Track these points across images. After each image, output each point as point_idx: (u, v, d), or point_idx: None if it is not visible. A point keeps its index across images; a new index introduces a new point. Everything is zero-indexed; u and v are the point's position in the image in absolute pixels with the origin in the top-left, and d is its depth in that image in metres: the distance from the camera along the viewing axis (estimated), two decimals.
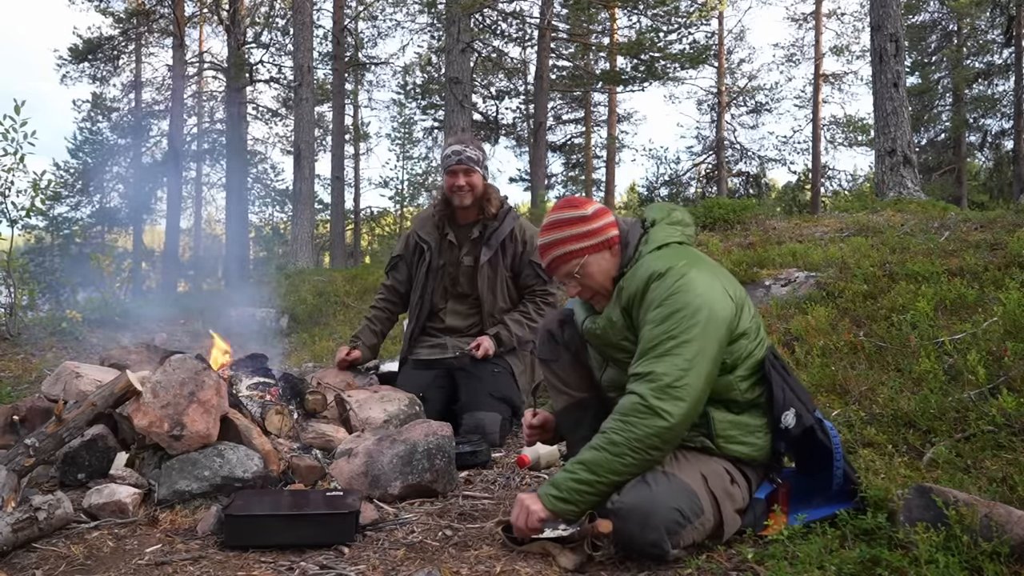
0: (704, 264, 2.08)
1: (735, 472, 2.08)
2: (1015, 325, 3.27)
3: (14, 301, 6.83)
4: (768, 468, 2.17)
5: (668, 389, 1.89)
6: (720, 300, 1.99)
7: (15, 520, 2.08)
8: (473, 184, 3.63)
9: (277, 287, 10.15)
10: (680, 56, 15.35)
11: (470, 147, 3.66)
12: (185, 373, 2.57)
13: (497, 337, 3.60)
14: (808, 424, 2.06)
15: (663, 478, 1.94)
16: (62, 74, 22.54)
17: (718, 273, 2.09)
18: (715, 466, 2.05)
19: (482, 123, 20.62)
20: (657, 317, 1.97)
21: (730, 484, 2.05)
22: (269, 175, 26.96)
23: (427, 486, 2.59)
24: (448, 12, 12.95)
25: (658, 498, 1.88)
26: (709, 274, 2.03)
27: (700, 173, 25.03)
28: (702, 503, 1.95)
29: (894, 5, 9.48)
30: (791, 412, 2.04)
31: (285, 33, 21.08)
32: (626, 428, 1.89)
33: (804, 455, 2.25)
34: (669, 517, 1.88)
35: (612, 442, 1.90)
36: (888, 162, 9.35)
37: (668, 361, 1.91)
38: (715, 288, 2.00)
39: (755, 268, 5.44)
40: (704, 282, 1.99)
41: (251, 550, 2.11)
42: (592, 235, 2.15)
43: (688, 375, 1.90)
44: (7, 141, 6.63)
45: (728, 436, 2.06)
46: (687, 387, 1.90)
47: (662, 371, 1.90)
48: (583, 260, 2.14)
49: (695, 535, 1.94)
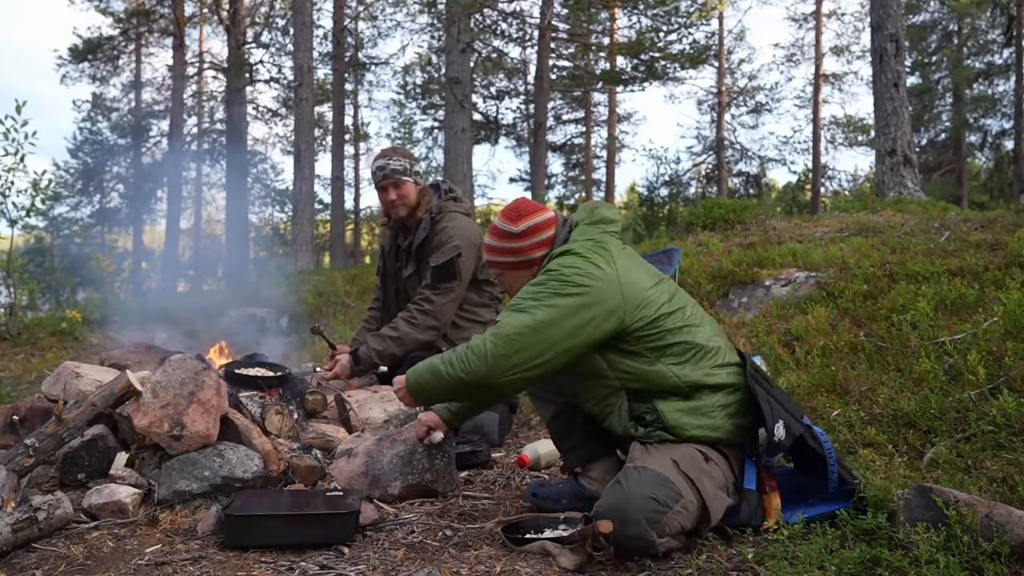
0: (605, 252, 2.10)
1: (708, 451, 2.08)
2: (1015, 325, 3.27)
3: (14, 301, 6.84)
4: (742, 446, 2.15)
5: (505, 340, 1.98)
6: (605, 285, 2.02)
7: (15, 520, 2.08)
8: (404, 195, 3.60)
9: (277, 287, 10.15)
10: (680, 56, 15.35)
11: (394, 159, 3.61)
12: (185, 373, 2.56)
13: (355, 355, 3.51)
14: (797, 433, 2.08)
15: (634, 473, 1.96)
16: (62, 74, 22.57)
17: (623, 261, 2.10)
18: (686, 450, 2.05)
19: (482, 123, 20.62)
20: (533, 282, 2.10)
21: (704, 463, 2.05)
22: (269, 175, 26.95)
23: (427, 486, 2.59)
24: (448, 12, 12.95)
25: (631, 494, 1.91)
26: (605, 260, 2.06)
27: (700, 173, 25.03)
28: (678, 487, 1.95)
29: (894, 5, 9.47)
30: (780, 424, 2.05)
31: (285, 33, 21.06)
32: (463, 359, 2.04)
33: (799, 457, 2.26)
34: (645, 507, 1.89)
35: (450, 363, 2.07)
36: (888, 162, 9.36)
37: (517, 316, 2.01)
38: (604, 273, 2.04)
39: (755, 268, 5.44)
40: (595, 264, 2.05)
41: (251, 550, 2.11)
42: (513, 253, 2.26)
43: (529, 335, 1.97)
44: (8, 141, 6.64)
45: (682, 424, 2.07)
46: (518, 342, 1.97)
47: (508, 322, 2.01)
48: (501, 272, 2.32)
49: (680, 520, 1.94)
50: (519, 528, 2.19)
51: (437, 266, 3.49)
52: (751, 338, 4.28)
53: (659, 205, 15.75)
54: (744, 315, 4.84)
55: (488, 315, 3.70)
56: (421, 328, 3.48)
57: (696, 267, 5.64)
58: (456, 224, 3.57)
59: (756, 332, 4.31)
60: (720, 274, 5.48)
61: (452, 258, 3.48)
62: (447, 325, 3.55)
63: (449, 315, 3.53)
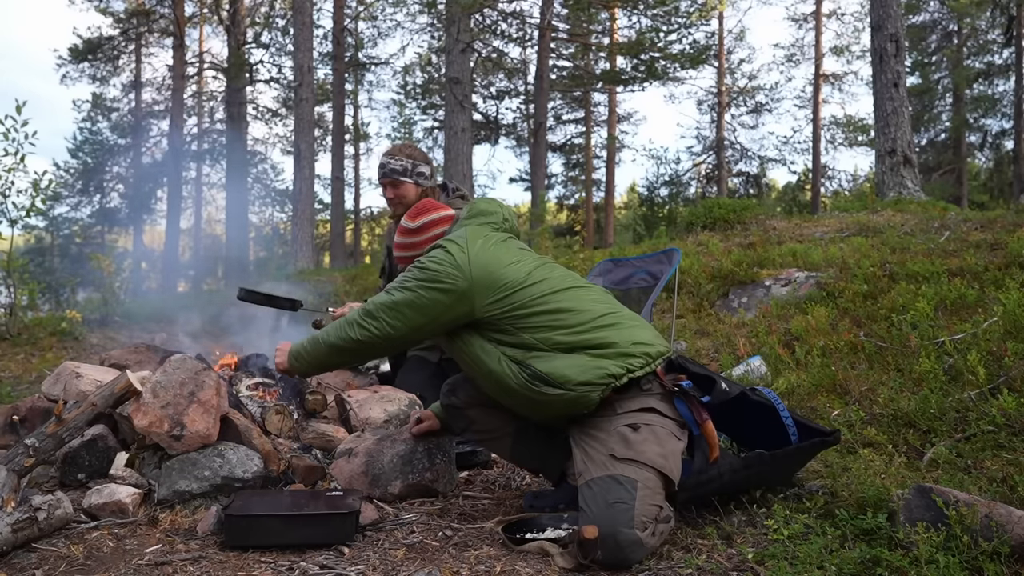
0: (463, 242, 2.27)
1: (633, 418, 2.08)
2: (1015, 325, 3.28)
3: (14, 301, 6.84)
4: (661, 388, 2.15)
5: (369, 314, 2.26)
6: (452, 270, 2.20)
7: (15, 520, 2.08)
8: (401, 195, 3.59)
9: (277, 287, 10.15)
10: (680, 56, 15.36)
11: (396, 157, 3.59)
12: (185, 373, 2.56)
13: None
14: (739, 391, 2.18)
15: (588, 491, 1.99)
16: (62, 74, 22.59)
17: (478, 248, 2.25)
18: (615, 436, 2.06)
19: (482, 123, 20.63)
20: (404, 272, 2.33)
21: (634, 434, 2.05)
22: (269, 175, 26.95)
23: (427, 486, 2.59)
24: (448, 12, 12.96)
25: (597, 513, 1.92)
26: (460, 248, 2.25)
27: (700, 173, 25.04)
28: (627, 475, 1.96)
29: (894, 5, 9.48)
30: (721, 382, 2.12)
31: (285, 33, 21.08)
32: (339, 329, 2.30)
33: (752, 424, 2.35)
34: (615, 514, 1.89)
35: (328, 333, 2.32)
36: (888, 162, 9.36)
37: (382, 297, 2.27)
38: (453, 260, 2.22)
39: (755, 268, 5.44)
40: (449, 253, 2.24)
41: (251, 550, 2.11)
42: (411, 248, 2.52)
43: (387, 311, 2.23)
44: (8, 141, 6.64)
45: (568, 377, 2.10)
46: (383, 319, 2.24)
47: (377, 301, 2.27)
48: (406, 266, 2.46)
49: (649, 500, 1.94)
50: (519, 528, 2.19)
51: None
52: (751, 338, 4.29)
53: (659, 205, 15.75)
54: (744, 315, 4.84)
55: None
56: None
57: (696, 267, 5.64)
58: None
59: (756, 332, 4.31)
60: (720, 274, 5.48)
61: None
62: None
63: None
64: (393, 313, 2.24)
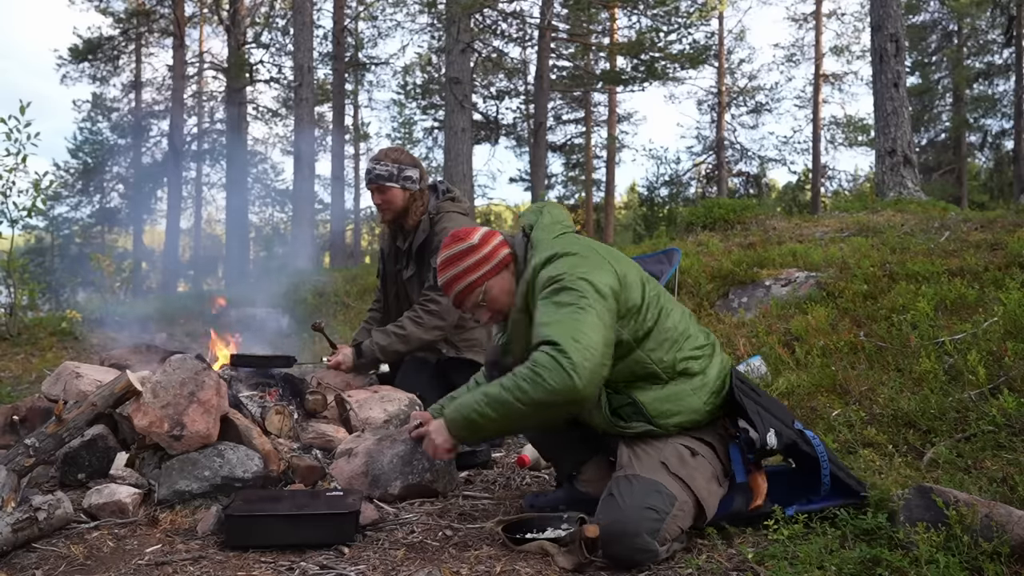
0: (583, 245, 2.15)
1: (693, 444, 2.08)
2: (1015, 325, 3.28)
3: (14, 301, 6.84)
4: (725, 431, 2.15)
5: (574, 352, 1.89)
6: (601, 275, 2.04)
7: (15, 520, 2.08)
8: (387, 201, 3.54)
9: (277, 287, 10.16)
10: (680, 56, 15.35)
11: (382, 163, 3.53)
12: (185, 373, 2.56)
13: (358, 348, 3.51)
14: (789, 441, 2.08)
15: (627, 484, 1.97)
16: (62, 74, 22.62)
17: (601, 252, 2.15)
18: (671, 448, 2.06)
19: (482, 123, 20.61)
20: (549, 294, 2.03)
21: (691, 458, 2.05)
22: (269, 175, 26.97)
23: (427, 486, 2.59)
24: (448, 12, 12.95)
25: (628, 508, 1.91)
26: (588, 253, 2.11)
27: (700, 173, 25.03)
28: (671, 490, 1.96)
29: (894, 5, 9.48)
30: (771, 433, 2.05)
31: (285, 33, 21.08)
32: (536, 380, 1.91)
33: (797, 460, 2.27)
34: (645, 518, 1.89)
35: (521, 389, 1.93)
36: (888, 162, 9.36)
37: (568, 326, 1.93)
38: (595, 265, 2.07)
39: (755, 268, 5.44)
40: (585, 260, 2.07)
41: (251, 550, 2.11)
42: (486, 261, 2.24)
43: (589, 338, 1.92)
44: (10, 141, 6.65)
45: (663, 412, 2.07)
46: (590, 349, 1.91)
47: (565, 334, 1.92)
48: (484, 287, 2.23)
49: (679, 522, 1.95)
50: (519, 528, 2.19)
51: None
52: (751, 338, 4.28)
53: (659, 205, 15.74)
54: (744, 315, 4.84)
55: None
56: (427, 328, 3.47)
57: (696, 267, 5.64)
58: (455, 225, 3.53)
59: (756, 332, 4.31)
60: (720, 274, 5.48)
61: None
62: (452, 325, 3.54)
63: (455, 316, 3.51)
64: (594, 338, 1.95)
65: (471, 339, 3.63)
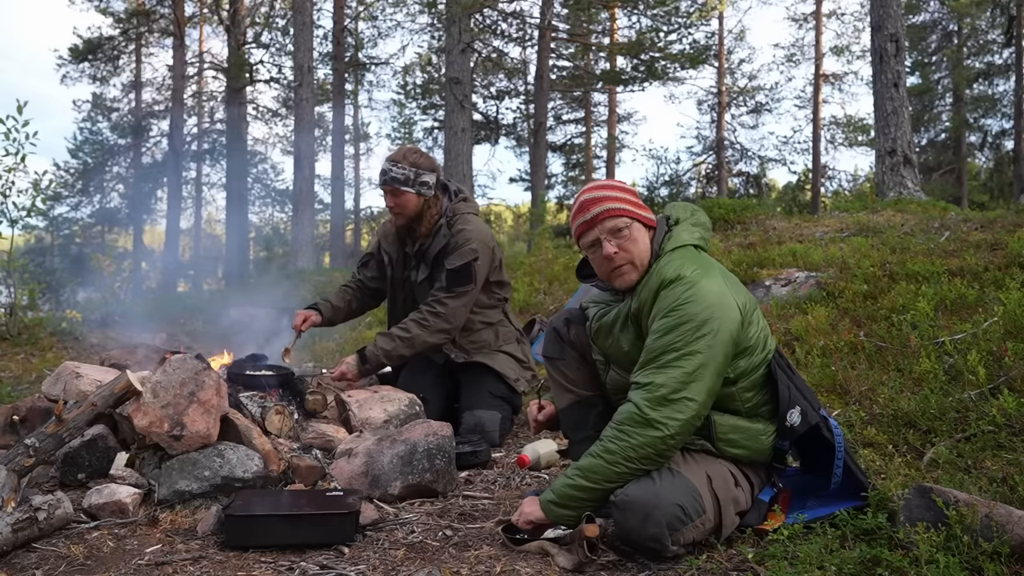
0: (715, 273, 2.04)
1: (739, 475, 2.08)
2: (1015, 325, 3.28)
3: (14, 301, 6.84)
4: (770, 470, 2.17)
5: (665, 400, 1.90)
6: (728, 313, 1.96)
7: (15, 520, 2.08)
8: (401, 205, 3.45)
9: (277, 287, 10.16)
10: (680, 56, 15.35)
11: (399, 164, 3.42)
12: (185, 373, 2.56)
13: (362, 354, 3.44)
14: (813, 422, 2.07)
15: (668, 474, 1.95)
16: (62, 74, 22.58)
17: (729, 283, 2.06)
18: (720, 468, 2.05)
19: (482, 123, 20.61)
20: (663, 327, 1.96)
21: (734, 487, 2.05)
22: (269, 175, 26.94)
23: (427, 486, 2.59)
24: (448, 12, 12.95)
25: (662, 493, 1.90)
26: (720, 285, 2.01)
27: (700, 173, 25.01)
28: (704, 503, 1.96)
29: (894, 5, 9.48)
30: (796, 410, 2.05)
31: (285, 33, 21.07)
32: (621, 437, 1.92)
33: (809, 453, 2.27)
34: (671, 512, 1.89)
35: (608, 450, 1.93)
36: (888, 162, 9.36)
37: (669, 373, 1.92)
38: (725, 300, 1.98)
39: (755, 268, 5.44)
40: (714, 293, 1.97)
41: (251, 550, 2.11)
42: (641, 207, 2.16)
43: (688, 388, 1.90)
44: (9, 141, 6.64)
45: (729, 440, 2.06)
46: (685, 400, 1.90)
47: (661, 382, 1.92)
48: (632, 222, 2.10)
49: (695, 533, 1.95)
50: (519, 528, 2.19)
51: (453, 269, 3.40)
52: None
53: (659, 205, 15.74)
54: None
55: (496, 316, 3.63)
56: (432, 331, 3.41)
57: None
58: (473, 228, 3.48)
59: None
60: None
61: (469, 262, 3.39)
62: (458, 329, 3.48)
63: (461, 319, 3.45)
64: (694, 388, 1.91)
65: (479, 341, 3.57)
